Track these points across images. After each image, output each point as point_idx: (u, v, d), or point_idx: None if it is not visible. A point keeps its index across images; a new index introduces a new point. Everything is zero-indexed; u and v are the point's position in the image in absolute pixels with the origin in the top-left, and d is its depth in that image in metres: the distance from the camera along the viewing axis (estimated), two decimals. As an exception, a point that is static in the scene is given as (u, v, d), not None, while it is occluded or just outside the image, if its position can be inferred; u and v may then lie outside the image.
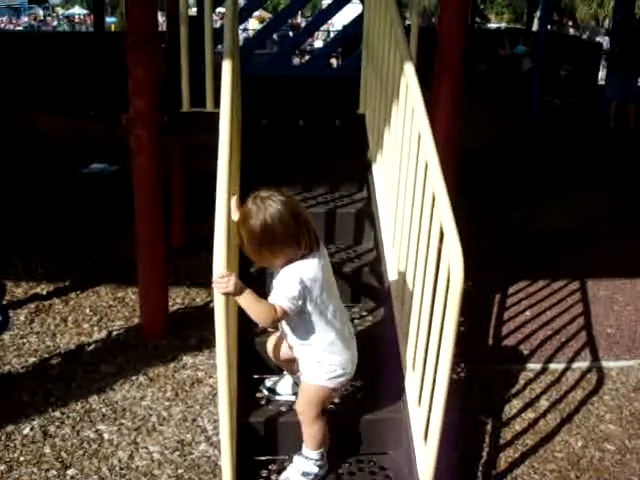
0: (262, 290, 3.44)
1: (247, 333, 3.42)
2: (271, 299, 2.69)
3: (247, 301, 2.63)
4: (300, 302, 2.70)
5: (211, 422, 3.77)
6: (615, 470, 3.58)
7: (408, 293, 3.21)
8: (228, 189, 2.68)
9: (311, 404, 2.95)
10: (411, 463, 3.01)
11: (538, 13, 20.13)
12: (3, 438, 3.61)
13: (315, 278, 2.71)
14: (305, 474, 3.01)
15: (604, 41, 19.36)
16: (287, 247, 2.67)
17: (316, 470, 3.03)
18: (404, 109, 3.40)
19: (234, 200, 2.89)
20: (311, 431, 2.99)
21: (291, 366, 3.20)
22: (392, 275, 3.60)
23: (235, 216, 2.84)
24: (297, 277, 2.68)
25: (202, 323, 4.74)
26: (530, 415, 3.99)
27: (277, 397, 3.27)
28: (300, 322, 2.82)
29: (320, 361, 2.88)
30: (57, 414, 3.82)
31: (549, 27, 15.21)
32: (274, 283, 2.77)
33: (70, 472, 3.39)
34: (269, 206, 2.63)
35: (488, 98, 13.03)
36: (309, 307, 2.75)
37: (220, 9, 6.22)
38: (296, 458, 3.05)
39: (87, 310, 5.03)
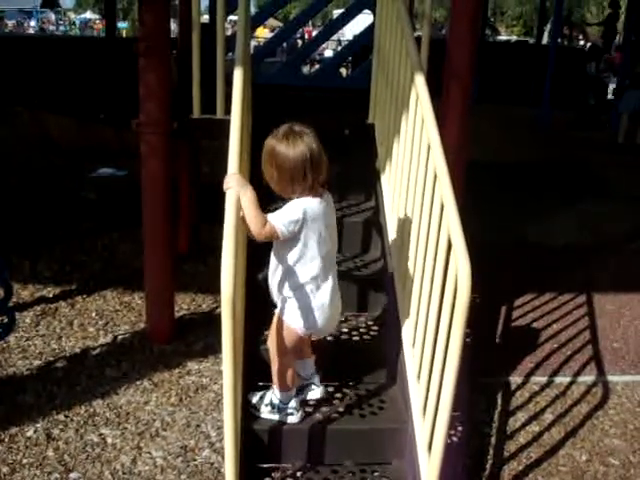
0: (268, 295, 3.45)
1: (253, 340, 3.42)
2: (269, 216, 2.81)
3: (247, 202, 2.72)
4: (295, 229, 2.82)
5: (215, 428, 3.77)
6: (619, 485, 3.57)
7: (415, 303, 3.20)
8: (237, 196, 2.69)
9: (274, 339, 3.05)
10: (415, 474, 3.00)
11: (549, 27, 20.15)
12: (7, 440, 3.61)
13: (316, 217, 2.85)
14: (271, 404, 3.17)
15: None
16: (311, 176, 2.81)
17: (278, 403, 3.14)
18: (414, 119, 3.41)
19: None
20: (274, 369, 3.11)
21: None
22: (399, 285, 3.60)
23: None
24: (302, 207, 2.82)
25: (208, 329, 4.75)
26: (535, 428, 3.98)
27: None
28: (288, 254, 2.91)
29: (293, 301, 2.96)
30: (61, 417, 3.83)
31: (559, 41, 15.20)
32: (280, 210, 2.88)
33: (73, 475, 3.39)
34: (306, 138, 2.81)
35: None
36: (301, 242, 2.87)
37: (231, 17, 6.25)
38: (268, 391, 3.21)
39: (93, 314, 5.04)
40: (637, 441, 3.93)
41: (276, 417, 3.16)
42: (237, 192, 2.71)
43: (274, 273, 3.03)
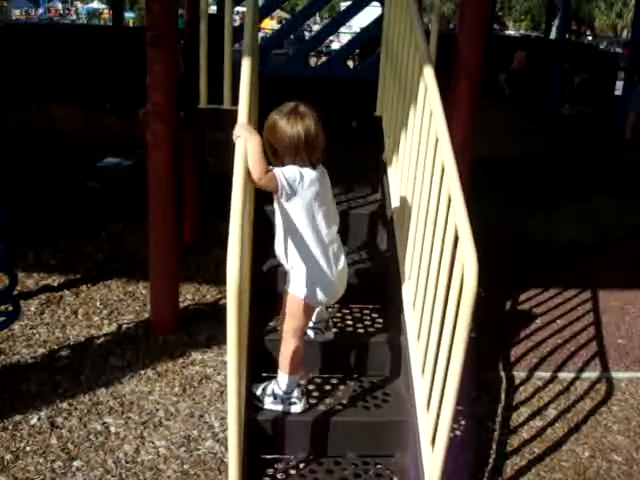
0: (273, 287, 3.46)
1: (257, 331, 3.42)
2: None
3: (252, 147, 2.84)
4: (293, 186, 2.90)
5: (218, 419, 3.77)
6: (622, 481, 3.56)
7: (420, 297, 3.20)
8: (244, 187, 2.68)
9: (289, 316, 3.10)
10: (417, 467, 3.00)
11: (556, 22, 20.09)
12: (10, 427, 3.63)
13: (311, 181, 2.95)
14: (273, 395, 3.17)
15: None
16: (304, 155, 2.94)
17: (281, 393, 3.15)
18: (422, 112, 3.39)
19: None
20: (286, 350, 3.11)
21: None
22: (404, 279, 3.59)
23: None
24: (297, 169, 2.93)
25: (212, 320, 4.76)
26: (538, 423, 3.98)
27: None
28: (290, 220, 2.99)
29: (299, 269, 3.03)
30: (65, 405, 3.84)
31: (567, 36, 15.14)
32: None
33: (76, 464, 3.40)
34: (307, 120, 2.93)
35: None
36: (301, 207, 2.96)
37: (239, 8, 6.23)
38: (271, 383, 3.21)
39: (97, 303, 5.05)
40: (640, 438, 3.93)
41: (279, 407, 3.16)
42: (245, 139, 2.83)
43: (279, 243, 3.10)
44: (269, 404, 3.18)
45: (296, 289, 3.06)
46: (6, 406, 3.78)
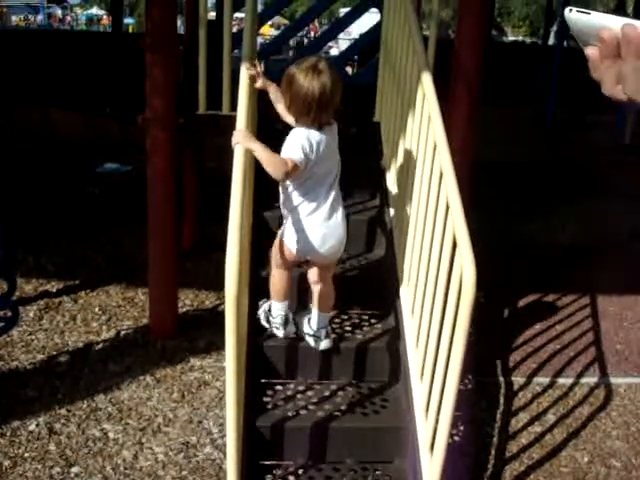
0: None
1: (256, 337, 3.41)
2: (282, 154, 2.90)
3: (260, 151, 2.85)
4: (307, 153, 2.89)
5: (217, 425, 3.77)
6: (621, 487, 3.56)
7: (419, 303, 3.20)
8: (243, 192, 2.68)
9: (274, 252, 3.22)
10: (416, 473, 3.00)
11: (555, 27, 20.10)
12: (8, 434, 3.62)
13: (319, 144, 2.94)
14: (265, 313, 3.34)
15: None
16: (314, 114, 2.92)
17: (269, 315, 3.32)
18: (420, 118, 3.40)
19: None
20: (271, 279, 3.29)
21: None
22: (403, 283, 3.60)
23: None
24: (306, 135, 2.92)
25: (211, 326, 4.75)
26: (537, 429, 3.98)
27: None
28: (292, 186, 3.03)
29: (290, 221, 3.09)
30: (63, 412, 3.83)
31: (565, 42, 15.12)
32: (284, 144, 2.96)
33: (74, 470, 3.40)
34: (324, 77, 2.89)
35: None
36: (306, 171, 2.94)
37: (238, 14, 6.23)
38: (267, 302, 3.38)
39: (96, 309, 5.05)
40: (639, 443, 3.92)
41: (267, 326, 3.33)
42: (245, 147, 2.83)
43: (280, 196, 3.15)
44: (263, 321, 3.34)
45: (287, 239, 3.12)
46: (4, 412, 3.78)
